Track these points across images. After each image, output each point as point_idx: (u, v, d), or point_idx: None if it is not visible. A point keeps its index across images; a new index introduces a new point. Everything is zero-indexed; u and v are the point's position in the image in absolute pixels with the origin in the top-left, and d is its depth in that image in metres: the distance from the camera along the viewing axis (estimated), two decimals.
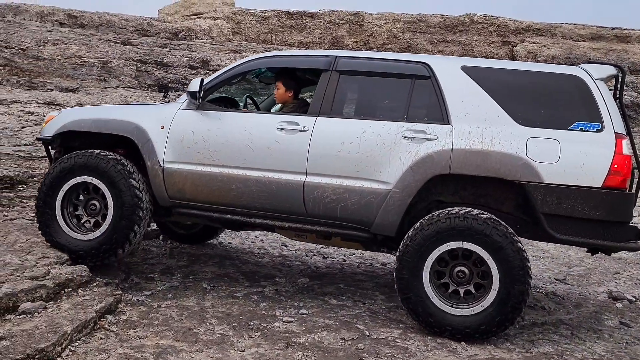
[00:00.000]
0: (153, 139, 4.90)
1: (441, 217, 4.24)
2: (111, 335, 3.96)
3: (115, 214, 4.80)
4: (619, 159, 4.14)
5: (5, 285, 4.07)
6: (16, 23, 12.48)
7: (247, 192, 4.71)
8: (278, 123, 4.71)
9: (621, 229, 4.21)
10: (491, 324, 4.14)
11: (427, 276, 4.24)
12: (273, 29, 17.78)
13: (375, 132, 4.49)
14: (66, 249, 4.86)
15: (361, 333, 4.30)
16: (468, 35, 18.32)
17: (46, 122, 5.43)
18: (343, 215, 4.55)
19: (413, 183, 4.36)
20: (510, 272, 4.08)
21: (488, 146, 4.27)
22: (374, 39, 18.31)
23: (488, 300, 4.14)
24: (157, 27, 15.64)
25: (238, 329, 4.24)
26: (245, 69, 5.09)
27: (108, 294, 4.48)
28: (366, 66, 4.79)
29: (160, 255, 5.91)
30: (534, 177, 4.18)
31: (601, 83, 4.38)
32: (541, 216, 4.19)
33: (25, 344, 3.48)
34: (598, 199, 4.11)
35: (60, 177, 4.91)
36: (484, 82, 4.48)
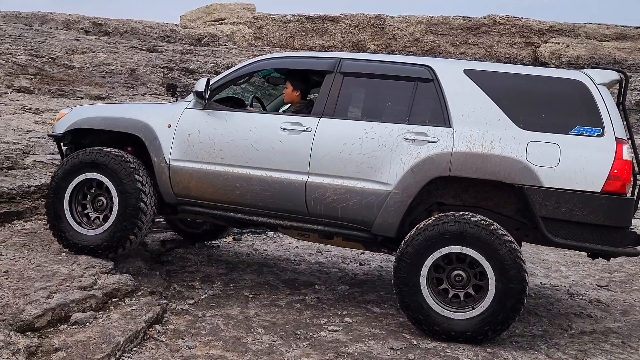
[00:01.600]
0: (160, 137, 4.99)
1: (430, 224, 4.26)
2: (161, 346, 3.96)
3: (120, 209, 4.91)
4: (619, 164, 4.13)
5: (57, 296, 4.10)
6: (45, 32, 12.63)
7: (250, 190, 4.78)
8: (282, 123, 4.78)
9: (620, 234, 4.19)
10: (490, 325, 4.15)
11: (424, 284, 4.26)
12: (295, 34, 17.81)
13: (377, 133, 4.53)
14: (74, 243, 5.00)
15: (409, 342, 4.26)
16: (490, 36, 18.19)
17: (58, 119, 5.55)
18: (344, 215, 4.60)
19: (413, 185, 4.40)
20: (505, 274, 4.09)
21: (488, 149, 4.29)
22: (395, 42, 18.26)
23: (486, 302, 4.15)
24: (180, 33, 15.74)
25: (285, 338, 4.23)
26: (251, 70, 5.17)
27: (154, 304, 4.50)
28: (370, 68, 4.83)
29: (199, 263, 5.92)
30: (533, 180, 4.18)
31: (603, 88, 4.36)
32: (539, 220, 4.19)
33: (81, 355, 3.50)
34: (597, 204, 4.11)
35: (68, 174, 5.04)
36: (486, 85, 4.49)
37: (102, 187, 5.06)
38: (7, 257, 4.87)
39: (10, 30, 11.74)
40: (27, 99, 9.30)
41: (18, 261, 4.79)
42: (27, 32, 12.01)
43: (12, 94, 8.85)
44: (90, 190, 5.13)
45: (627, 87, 4.52)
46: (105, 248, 4.96)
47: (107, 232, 4.94)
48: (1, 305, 3.85)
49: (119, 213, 4.92)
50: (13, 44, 10.57)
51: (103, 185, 5.03)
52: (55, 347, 3.58)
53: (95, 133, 5.33)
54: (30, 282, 4.31)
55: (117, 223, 4.92)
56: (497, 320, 4.14)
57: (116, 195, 4.94)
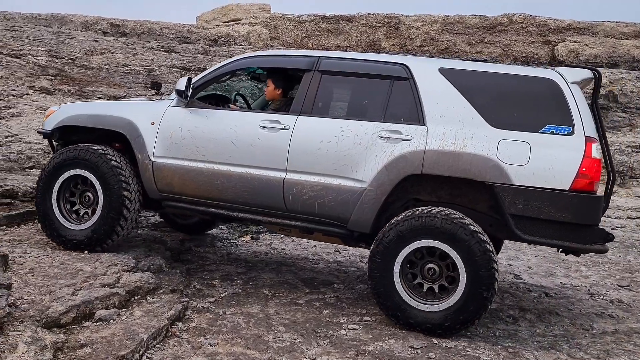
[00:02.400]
0: (144, 134, 5.11)
1: (401, 219, 4.34)
2: (183, 343, 4.00)
3: (104, 204, 5.04)
4: (587, 162, 4.17)
5: (81, 293, 4.16)
6: (64, 33, 12.79)
7: (230, 187, 4.88)
8: (261, 121, 4.86)
9: (588, 231, 4.25)
10: (463, 315, 4.23)
11: (398, 278, 4.35)
12: (310, 34, 17.84)
13: (352, 131, 4.61)
14: (63, 237, 5.13)
15: (429, 341, 4.26)
16: (507, 35, 18.07)
17: (47, 116, 5.67)
18: (321, 212, 4.69)
19: (387, 182, 4.47)
20: (475, 267, 4.16)
21: (460, 147, 4.35)
22: (410, 42, 18.21)
23: (458, 293, 4.23)
24: (196, 34, 15.84)
25: (306, 336, 4.25)
26: (232, 68, 5.26)
27: (176, 301, 4.55)
28: (347, 67, 4.89)
29: (218, 262, 5.96)
30: (503, 178, 4.24)
31: (575, 87, 4.39)
32: (508, 217, 4.25)
33: (106, 351, 3.55)
34: (565, 202, 4.16)
35: (54, 171, 5.17)
36: (460, 84, 4.54)
37: (88, 183, 5.18)
38: (31, 255, 4.94)
39: (30, 32, 11.91)
40: (48, 99, 9.42)
41: (42, 259, 4.87)
42: (47, 34, 12.17)
43: (33, 94, 8.97)
44: (77, 187, 5.24)
45: (599, 85, 4.54)
46: (91, 242, 5.08)
47: (93, 227, 5.07)
48: (28, 302, 3.91)
49: (103, 208, 5.04)
50: (34, 46, 10.72)
51: (88, 181, 5.15)
52: (81, 343, 3.63)
53: (83, 130, 5.43)
54: (55, 280, 4.37)
55: (102, 218, 5.05)
56: (469, 310, 4.21)
57: (100, 191, 5.06)
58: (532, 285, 5.93)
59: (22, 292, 4.07)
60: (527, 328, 4.76)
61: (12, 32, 11.47)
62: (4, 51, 10.20)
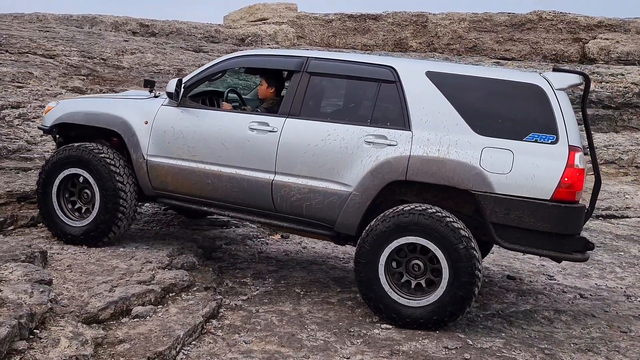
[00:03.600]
0: (138, 133, 5.18)
1: (389, 215, 4.36)
2: (218, 340, 4.04)
3: (101, 201, 5.13)
4: (570, 172, 4.13)
5: (118, 289, 4.22)
6: (95, 34, 13.00)
7: (221, 187, 4.95)
8: (250, 123, 4.90)
9: (569, 241, 4.22)
10: (445, 311, 4.26)
11: (382, 272, 4.38)
12: (337, 32, 17.83)
13: (339, 135, 4.61)
14: (64, 234, 5.25)
15: (464, 342, 4.23)
16: (536, 33, 17.82)
17: (46, 112, 5.75)
18: (308, 214, 4.75)
19: (372, 187, 4.49)
20: (458, 263, 4.18)
21: (444, 154, 4.33)
22: (438, 40, 18.08)
23: (440, 290, 4.25)
24: (224, 33, 15.95)
25: (339, 335, 4.25)
26: (223, 68, 5.29)
27: (210, 299, 4.59)
28: (335, 68, 4.87)
29: (249, 260, 6.00)
30: (486, 187, 4.22)
31: (561, 93, 4.31)
32: (490, 225, 4.25)
33: (144, 347, 3.60)
34: (545, 212, 4.14)
35: (53, 169, 5.27)
36: (446, 88, 4.50)
37: (85, 181, 5.27)
38: (68, 252, 5.04)
39: (63, 33, 12.13)
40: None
41: (79, 255, 4.96)
42: (79, 34, 12.38)
43: (66, 94, 9.14)
44: (75, 185, 5.33)
45: (588, 90, 4.48)
46: (91, 237, 5.19)
47: (92, 223, 5.17)
48: (67, 298, 3.99)
49: (100, 205, 5.14)
50: (67, 46, 10.92)
51: (85, 179, 5.25)
52: (119, 339, 3.69)
53: (81, 126, 5.50)
54: (92, 276, 4.45)
55: (99, 215, 5.15)
56: (452, 306, 4.24)
57: (96, 189, 5.16)
58: (567, 287, 5.85)
59: (61, 288, 4.16)
60: (562, 330, 4.70)
61: (45, 33, 11.70)
62: (38, 52, 10.42)
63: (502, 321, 4.80)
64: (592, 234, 8.09)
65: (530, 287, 5.75)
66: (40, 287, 3.80)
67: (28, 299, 3.58)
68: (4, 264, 4.14)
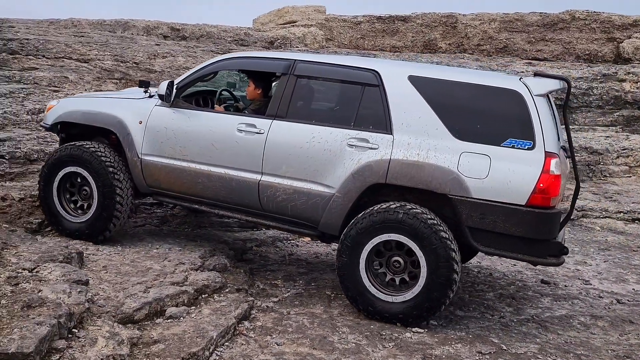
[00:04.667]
0: (132, 132, 5.33)
1: (361, 216, 4.47)
2: (251, 342, 4.07)
3: (98, 199, 5.30)
4: (545, 178, 4.16)
5: (153, 290, 4.28)
6: (128, 38, 13.20)
7: (211, 186, 5.10)
8: (238, 125, 5.01)
9: (543, 245, 4.26)
10: (421, 308, 4.35)
11: (363, 267, 4.47)
12: (365, 34, 17.78)
13: (323, 138, 4.70)
14: (65, 229, 5.42)
15: (498, 347, 4.18)
16: (569, 32, 17.49)
17: (47, 110, 5.92)
18: (293, 213, 4.88)
19: (354, 189, 4.59)
20: (435, 260, 4.26)
21: (423, 158, 4.40)
22: (468, 41, 17.88)
23: (418, 287, 4.33)
24: (253, 36, 16.05)
25: (371, 338, 4.24)
26: (214, 69, 5.43)
27: (242, 300, 4.62)
28: (321, 72, 4.97)
29: (279, 262, 6.02)
30: (462, 191, 4.29)
31: (540, 99, 4.32)
32: (466, 229, 4.32)
33: (178, 348, 3.64)
34: (520, 217, 4.19)
35: (53, 168, 5.44)
36: (427, 93, 4.55)
37: (84, 178, 5.40)
38: (103, 253, 5.13)
39: (97, 38, 12.35)
40: None
41: (114, 256, 5.04)
42: (112, 39, 12.60)
43: None
44: (74, 183, 5.47)
45: (569, 95, 4.46)
46: (91, 232, 5.35)
47: (90, 218, 5.35)
48: (104, 298, 4.07)
49: (98, 202, 5.31)
50: (100, 51, 11.12)
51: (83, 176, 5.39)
52: (154, 339, 3.75)
53: (80, 124, 5.65)
54: (127, 277, 4.53)
55: (97, 211, 5.31)
56: (427, 304, 4.33)
57: (94, 186, 5.31)
58: (603, 291, 5.72)
59: (97, 289, 4.23)
60: (600, 336, 4.60)
61: (80, 38, 11.93)
62: (73, 56, 10.63)
63: (537, 326, 4.72)
64: (627, 237, 7.91)
65: (565, 292, 5.64)
66: (77, 287, 3.88)
67: (66, 299, 3.66)
68: (43, 264, 4.24)
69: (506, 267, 6.33)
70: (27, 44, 10.38)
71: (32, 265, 4.25)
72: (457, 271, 4.31)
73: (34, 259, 4.39)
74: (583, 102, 12.13)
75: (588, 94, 11.86)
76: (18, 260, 4.34)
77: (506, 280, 5.94)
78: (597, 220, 8.52)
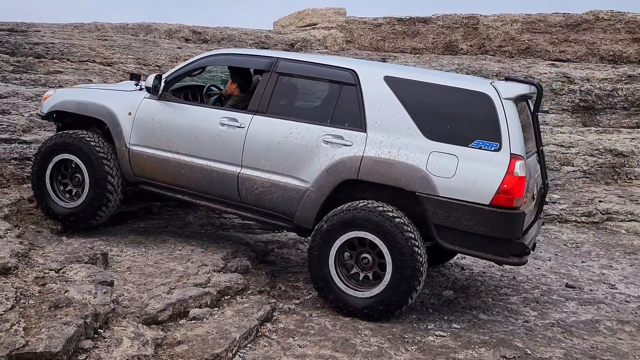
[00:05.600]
0: (122, 123, 5.50)
1: (332, 214, 4.61)
2: (273, 343, 4.07)
3: (90, 185, 5.46)
4: (509, 179, 4.26)
5: (176, 292, 4.31)
6: (150, 42, 13.34)
7: (193, 177, 5.27)
8: (221, 118, 5.17)
9: (506, 245, 4.36)
10: (385, 304, 4.47)
11: (332, 263, 4.60)
12: (386, 36, 17.74)
13: (300, 134, 4.84)
14: (56, 215, 5.57)
15: (522, 352, 4.13)
16: (593, 33, 17.25)
17: (44, 99, 6.11)
18: (270, 206, 5.03)
19: (327, 184, 4.72)
20: (400, 258, 4.39)
21: (394, 156, 4.53)
22: (489, 42, 17.73)
23: (383, 283, 4.46)
24: (274, 39, 16.12)
25: (393, 341, 4.22)
26: (201, 64, 5.60)
27: (264, 302, 4.63)
28: (301, 70, 5.12)
29: (301, 264, 6.02)
30: (430, 189, 4.42)
31: (508, 102, 4.42)
32: (432, 226, 4.45)
33: (201, 349, 3.67)
34: (483, 216, 4.31)
35: (45, 155, 5.60)
36: (401, 93, 4.67)
37: (76, 165, 5.54)
38: (127, 254, 5.18)
39: (120, 41, 12.51)
40: None
41: (137, 258, 5.09)
42: (135, 42, 12.74)
43: None
44: (67, 169, 5.61)
45: (540, 99, 4.58)
46: (80, 218, 5.51)
47: (81, 204, 5.50)
48: (128, 299, 4.11)
49: (89, 189, 5.46)
50: (124, 54, 11.25)
51: (75, 164, 5.53)
52: (178, 340, 3.77)
53: (74, 114, 5.80)
54: (151, 278, 4.57)
55: (88, 198, 5.47)
56: (392, 300, 4.45)
57: (86, 174, 5.47)
58: (630, 296, 5.63)
59: (122, 290, 4.28)
60: (627, 341, 4.52)
61: (104, 42, 12.09)
62: (97, 60, 10.78)
63: (562, 331, 4.66)
64: None
65: (591, 296, 5.56)
66: (103, 288, 3.93)
67: (92, 300, 3.71)
68: (69, 265, 4.30)
69: (530, 271, 6.26)
70: (52, 48, 10.56)
71: (59, 265, 4.31)
72: (422, 270, 4.43)
73: (60, 259, 4.45)
74: (607, 103, 11.95)
75: (613, 96, 11.69)
76: (45, 261, 4.41)
77: (530, 284, 5.87)
78: (622, 223, 8.39)
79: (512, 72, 12.49)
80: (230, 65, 5.76)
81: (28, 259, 4.38)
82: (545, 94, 11.47)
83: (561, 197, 8.93)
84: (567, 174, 9.63)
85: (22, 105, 7.90)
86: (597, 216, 8.49)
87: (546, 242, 7.53)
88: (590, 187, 9.37)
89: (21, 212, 5.67)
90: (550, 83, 11.64)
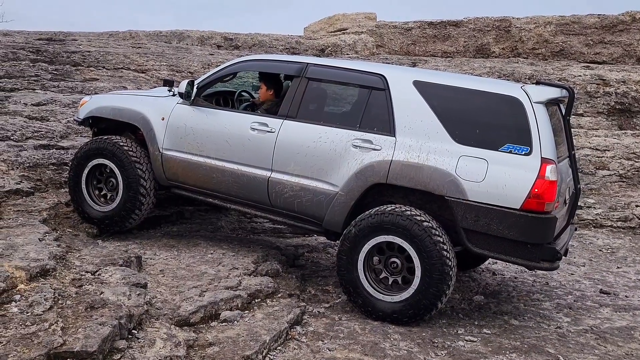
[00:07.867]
0: (155, 128, 5.64)
1: (360, 218, 4.61)
2: (303, 346, 4.11)
3: (124, 189, 5.60)
4: (540, 183, 4.24)
5: (208, 294, 4.39)
6: (183, 49, 13.59)
7: (224, 181, 5.35)
8: (251, 123, 5.24)
9: (537, 249, 4.33)
10: (415, 309, 4.46)
11: (361, 268, 4.61)
12: (416, 40, 17.68)
13: (329, 138, 4.88)
14: (91, 218, 5.73)
15: (554, 358, 4.08)
16: (629, 34, 16.88)
17: (80, 105, 6.28)
18: (299, 210, 5.06)
19: (356, 188, 4.75)
20: (429, 262, 4.37)
21: (423, 160, 4.53)
22: (522, 45, 17.50)
23: (412, 288, 4.45)
24: (304, 44, 16.22)
25: (423, 346, 4.21)
26: (233, 70, 5.71)
27: (294, 305, 4.67)
28: (331, 75, 5.17)
29: (330, 268, 6.04)
30: (459, 194, 4.40)
31: (539, 106, 4.40)
32: (461, 230, 4.45)
33: (232, 351, 3.72)
34: (513, 221, 4.28)
35: (81, 160, 5.78)
36: (430, 97, 4.69)
37: (111, 170, 5.69)
38: (160, 257, 5.29)
39: (154, 49, 12.77)
40: None
41: (170, 261, 5.19)
42: (168, 49, 12.99)
43: None
44: (102, 174, 5.77)
45: (572, 103, 4.55)
46: (115, 221, 5.66)
47: (115, 208, 5.65)
48: (161, 301, 4.20)
49: (123, 193, 5.61)
50: (157, 61, 11.49)
51: (109, 168, 5.70)
52: (209, 342, 3.84)
53: (110, 119, 5.96)
54: (183, 281, 4.66)
55: (122, 201, 5.61)
56: (421, 304, 4.43)
57: (120, 178, 5.62)
58: None
59: (155, 292, 4.37)
60: None
61: (137, 49, 12.37)
62: (132, 67, 11.03)
63: (596, 337, 4.58)
64: None
65: (626, 303, 5.45)
66: (137, 290, 4.03)
67: (126, 301, 3.80)
68: (104, 267, 4.42)
69: (563, 277, 6.16)
70: (88, 56, 10.85)
71: (94, 268, 4.44)
72: (451, 274, 4.41)
73: (95, 262, 4.58)
74: None
75: None
76: (81, 263, 4.54)
77: (563, 289, 5.78)
78: None
79: (546, 74, 12.32)
80: (260, 71, 5.86)
81: (65, 261, 4.52)
82: (579, 96, 11.28)
83: (596, 202, 8.76)
84: (603, 177, 9.44)
85: (59, 112, 8.15)
86: (634, 221, 8.30)
87: (580, 247, 7.40)
88: (627, 192, 9.16)
89: (59, 216, 5.85)
90: (584, 85, 11.43)
